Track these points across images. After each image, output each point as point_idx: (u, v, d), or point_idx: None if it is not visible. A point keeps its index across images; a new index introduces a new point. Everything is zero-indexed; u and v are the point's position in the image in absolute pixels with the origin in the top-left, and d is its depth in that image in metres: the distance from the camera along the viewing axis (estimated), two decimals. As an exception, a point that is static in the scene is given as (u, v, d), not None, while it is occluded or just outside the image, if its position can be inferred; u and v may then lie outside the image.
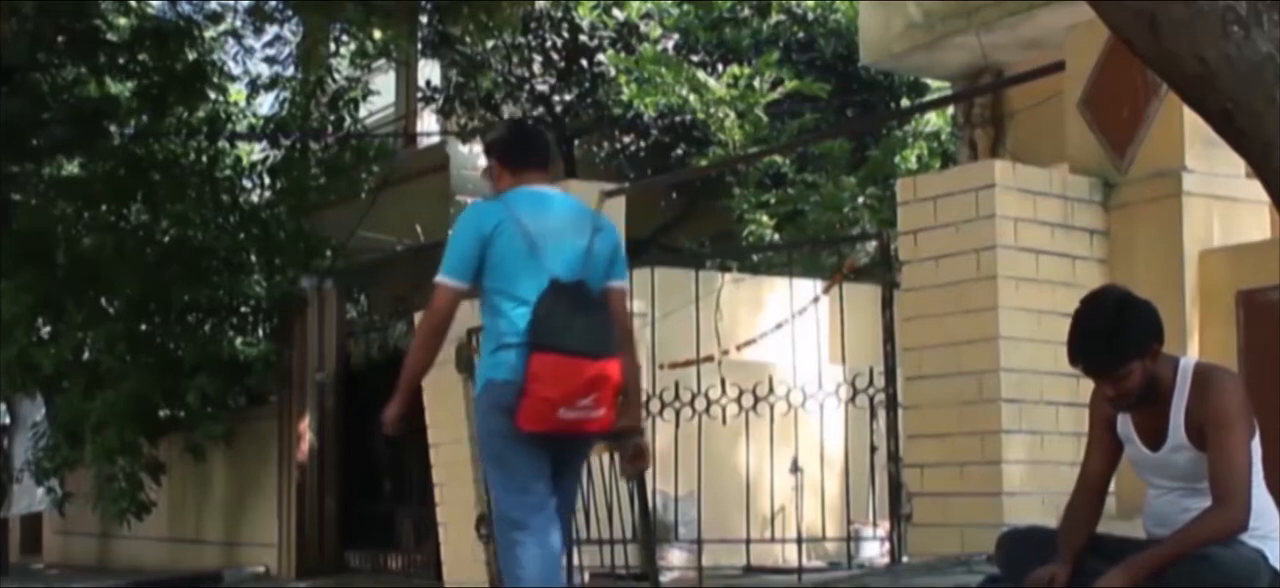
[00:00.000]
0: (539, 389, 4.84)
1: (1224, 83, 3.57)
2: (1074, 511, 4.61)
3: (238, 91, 14.48)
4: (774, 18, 14.10)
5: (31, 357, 13.16)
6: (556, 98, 14.34)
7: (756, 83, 12.89)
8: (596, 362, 4.90)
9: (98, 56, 13.31)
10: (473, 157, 15.53)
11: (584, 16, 13.78)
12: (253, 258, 13.44)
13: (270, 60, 14.65)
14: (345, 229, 13.88)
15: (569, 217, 5.15)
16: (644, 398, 7.83)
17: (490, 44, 13.76)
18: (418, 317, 9.72)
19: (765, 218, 12.40)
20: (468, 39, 13.46)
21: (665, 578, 7.94)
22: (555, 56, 14.05)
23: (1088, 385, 4.61)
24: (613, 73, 13.45)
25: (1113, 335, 4.33)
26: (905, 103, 13.50)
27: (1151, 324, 4.40)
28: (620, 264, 5.23)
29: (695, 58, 13.66)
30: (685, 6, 14.13)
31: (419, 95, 15.48)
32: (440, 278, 5.04)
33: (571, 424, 4.90)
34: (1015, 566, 4.68)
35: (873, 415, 7.44)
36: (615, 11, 13.87)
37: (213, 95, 13.86)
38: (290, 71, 14.31)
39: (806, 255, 11.12)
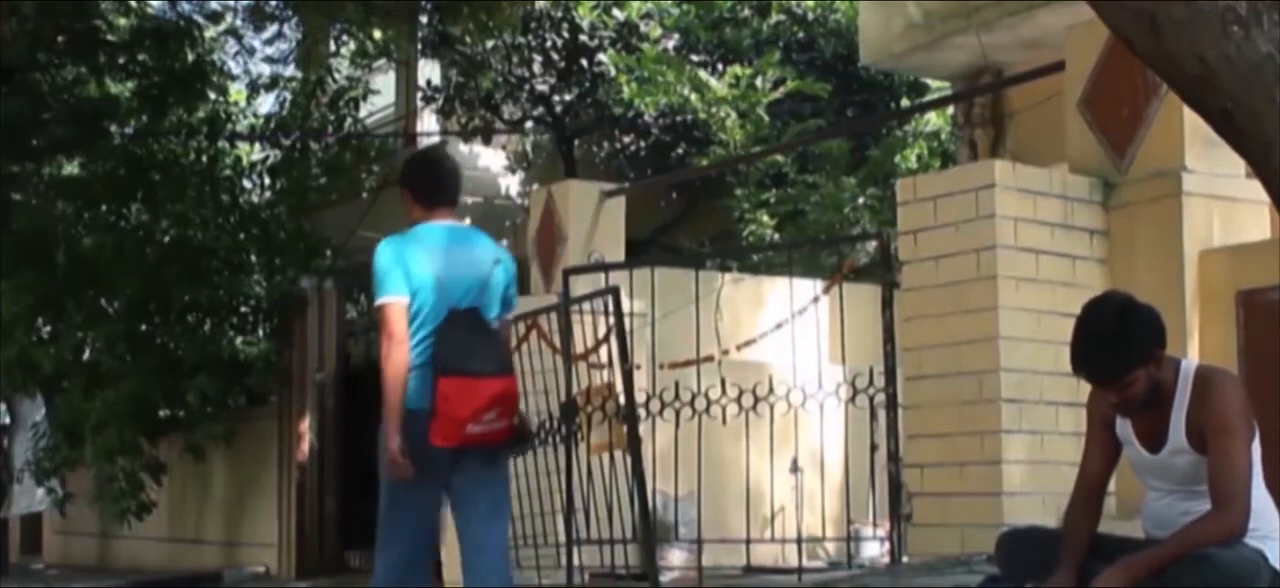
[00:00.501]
0: (448, 409, 5.31)
1: (1224, 83, 3.56)
2: (1074, 514, 4.60)
3: (238, 92, 14.48)
4: (774, 18, 14.10)
5: (31, 357, 13.16)
6: (556, 98, 14.34)
7: (758, 82, 12.90)
8: (497, 379, 5.42)
9: (98, 56, 13.31)
10: (473, 157, 15.53)
11: (584, 16, 13.77)
12: (253, 258, 13.45)
13: (270, 60, 14.66)
14: (345, 229, 13.87)
15: (472, 250, 5.62)
16: (644, 398, 7.87)
17: (490, 44, 13.76)
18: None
19: (765, 218, 12.40)
20: (468, 39, 13.46)
21: (665, 578, 7.94)
22: (555, 56, 14.04)
23: (1088, 385, 4.60)
24: (613, 73, 13.44)
25: (1116, 344, 4.31)
26: (905, 103, 13.50)
27: (1154, 331, 4.38)
28: (514, 295, 5.75)
29: (696, 58, 13.66)
30: (685, 6, 14.13)
31: (419, 95, 15.48)
32: (385, 299, 5.42)
33: (478, 438, 5.38)
34: (1015, 566, 4.68)
35: (873, 416, 7.44)
36: (615, 11, 13.86)
37: (213, 95, 13.87)
38: (290, 71, 14.32)
39: (806, 255, 11.11)
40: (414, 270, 5.43)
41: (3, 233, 13.27)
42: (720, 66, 13.54)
